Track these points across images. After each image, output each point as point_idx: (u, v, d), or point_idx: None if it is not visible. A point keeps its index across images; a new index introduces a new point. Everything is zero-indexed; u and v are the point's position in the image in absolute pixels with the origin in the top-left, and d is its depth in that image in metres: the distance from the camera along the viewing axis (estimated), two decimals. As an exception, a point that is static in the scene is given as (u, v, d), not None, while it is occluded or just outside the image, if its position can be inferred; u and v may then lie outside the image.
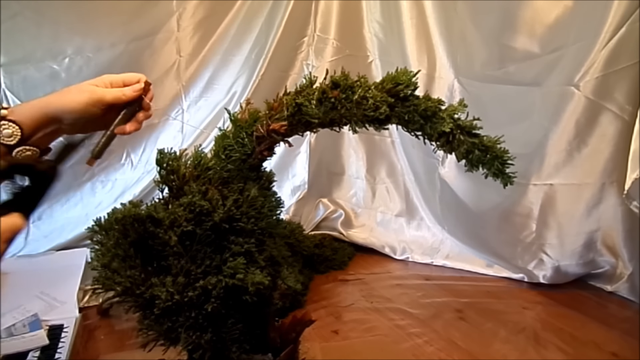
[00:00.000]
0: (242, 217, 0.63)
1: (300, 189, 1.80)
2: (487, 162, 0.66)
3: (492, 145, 0.66)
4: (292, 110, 0.63)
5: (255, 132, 0.65)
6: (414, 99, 0.66)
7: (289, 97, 0.65)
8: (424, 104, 0.65)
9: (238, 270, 0.60)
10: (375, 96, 0.63)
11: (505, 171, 0.67)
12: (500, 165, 0.66)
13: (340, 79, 0.64)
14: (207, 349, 0.63)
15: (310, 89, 0.65)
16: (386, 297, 1.35)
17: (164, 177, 0.64)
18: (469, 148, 0.66)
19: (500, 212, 1.48)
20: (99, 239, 0.62)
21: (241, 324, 0.65)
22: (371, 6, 1.70)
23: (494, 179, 0.68)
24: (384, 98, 0.64)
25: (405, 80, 0.64)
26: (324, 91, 0.64)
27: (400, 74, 0.65)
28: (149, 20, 1.62)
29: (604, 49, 1.22)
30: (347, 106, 0.64)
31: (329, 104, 0.64)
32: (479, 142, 0.66)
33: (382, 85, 0.65)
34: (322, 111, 0.64)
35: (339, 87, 0.64)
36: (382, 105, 0.63)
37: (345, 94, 0.64)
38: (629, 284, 1.33)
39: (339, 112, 0.64)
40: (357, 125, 0.66)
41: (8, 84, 1.51)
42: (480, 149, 0.66)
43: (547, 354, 1.05)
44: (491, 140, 0.66)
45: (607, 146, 1.30)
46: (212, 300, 0.60)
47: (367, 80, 0.66)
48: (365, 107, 0.64)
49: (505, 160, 0.66)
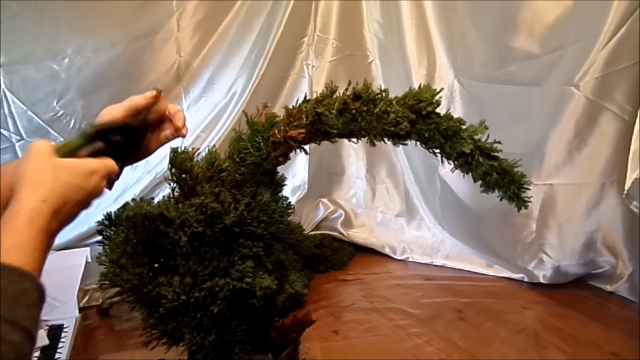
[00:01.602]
0: (253, 221, 0.63)
1: (300, 189, 1.80)
2: (503, 185, 0.66)
3: (510, 169, 0.65)
4: (312, 118, 0.63)
5: (271, 137, 0.64)
6: (436, 116, 0.65)
7: (309, 105, 0.64)
8: (445, 122, 0.64)
9: (246, 274, 0.60)
10: (396, 111, 0.63)
11: (521, 195, 0.67)
12: (516, 190, 0.66)
13: (362, 91, 0.63)
14: (210, 350, 0.63)
15: (331, 99, 0.64)
16: (386, 297, 1.35)
17: (176, 176, 0.64)
18: (487, 170, 0.66)
19: (500, 212, 1.47)
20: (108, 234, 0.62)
21: (245, 325, 0.65)
22: (371, 6, 1.70)
23: (509, 203, 0.67)
24: (406, 114, 0.63)
25: (428, 98, 0.64)
26: (345, 102, 0.63)
27: (423, 91, 0.65)
28: (149, 20, 1.61)
29: (604, 49, 1.22)
30: (367, 119, 0.63)
31: (350, 115, 0.63)
32: (497, 165, 0.65)
33: (405, 100, 0.65)
34: (342, 122, 0.63)
35: (361, 99, 0.63)
36: (404, 121, 0.63)
37: (367, 107, 0.63)
38: (629, 284, 1.32)
39: (359, 125, 0.63)
40: (375, 138, 0.65)
41: (8, 84, 1.51)
42: (499, 172, 0.65)
43: (547, 354, 1.05)
44: (509, 164, 0.66)
45: (607, 146, 1.30)
46: (219, 302, 0.60)
47: (388, 93, 0.65)
48: (386, 122, 0.63)
49: (522, 185, 0.66)
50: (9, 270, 0.44)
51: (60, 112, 1.55)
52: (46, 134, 1.55)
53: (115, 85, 1.57)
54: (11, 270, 0.44)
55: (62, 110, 1.56)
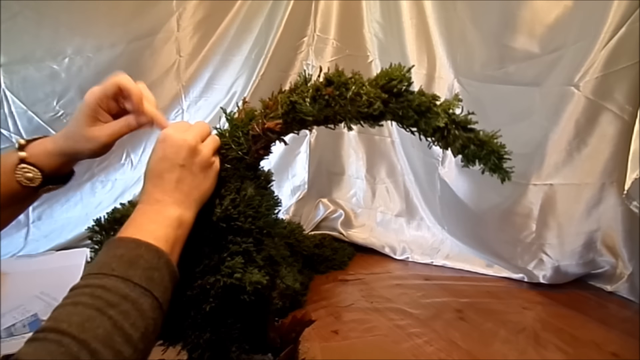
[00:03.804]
0: (239, 216, 0.63)
1: (300, 189, 1.80)
2: (483, 157, 0.65)
3: (488, 140, 0.64)
4: (287, 108, 0.63)
5: (251, 131, 0.64)
6: (408, 94, 0.65)
7: (283, 95, 0.65)
8: (417, 99, 0.64)
9: (236, 270, 0.60)
10: (369, 92, 0.62)
11: (502, 166, 0.65)
12: (496, 160, 0.64)
13: (334, 76, 0.63)
14: (206, 349, 0.63)
15: (305, 87, 0.64)
16: (386, 297, 1.35)
17: None
18: (465, 143, 0.65)
19: (500, 212, 1.47)
20: (98, 238, 0.62)
21: (240, 323, 0.65)
22: (371, 6, 1.70)
23: (491, 174, 0.66)
24: (378, 94, 0.63)
25: (398, 76, 0.63)
26: (318, 88, 0.63)
27: (393, 70, 0.64)
28: (149, 20, 1.62)
29: (603, 49, 1.22)
30: (341, 103, 0.63)
31: (323, 101, 0.63)
32: (474, 136, 0.64)
33: (376, 81, 0.64)
34: (316, 109, 0.63)
35: (333, 84, 0.63)
36: (376, 102, 0.63)
37: (339, 91, 0.63)
38: (629, 284, 1.32)
39: (333, 110, 0.63)
40: (351, 122, 0.65)
41: (8, 84, 1.51)
42: (476, 144, 0.64)
43: (547, 354, 1.05)
44: (487, 135, 0.65)
45: (607, 146, 1.30)
46: (211, 299, 0.60)
47: (361, 77, 0.65)
48: (359, 104, 0.63)
49: (501, 155, 0.64)
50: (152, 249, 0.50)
51: (60, 112, 1.56)
52: (46, 134, 1.53)
53: (115, 85, 1.57)
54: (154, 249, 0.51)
55: (62, 110, 1.56)
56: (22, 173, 0.60)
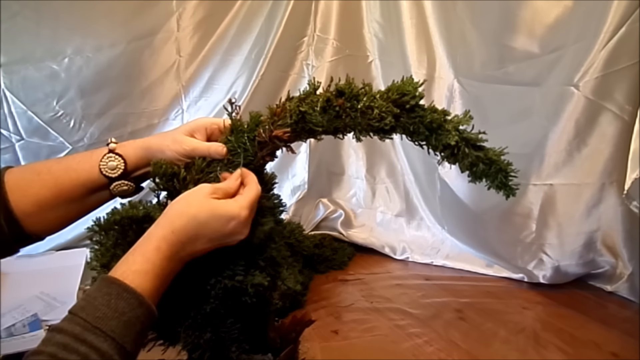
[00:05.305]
0: None
1: (300, 189, 1.80)
2: (490, 175, 0.66)
3: (496, 159, 0.65)
4: (296, 118, 0.62)
5: (257, 137, 0.64)
6: (420, 110, 0.65)
7: (292, 103, 0.64)
8: (430, 115, 0.64)
9: (237, 272, 0.60)
10: (380, 106, 0.62)
11: (508, 184, 0.67)
12: (503, 178, 0.66)
13: (345, 87, 0.63)
14: (206, 349, 0.63)
15: (314, 96, 0.64)
16: (386, 297, 1.35)
17: (162, 184, 0.64)
18: (474, 161, 0.65)
19: (500, 212, 1.47)
20: (98, 239, 0.62)
21: (240, 323, 0.65)
22: (371, 6, 1.70)
23: (497, 192, 0.68)
24: (390, 108, 0.63)
25: (411, 91, 0.63)
26: (329, 99, 0.63)
27: (406, 84, 0.64)
28: (149, 20, 1.61)
29: (603, 49, 1.22)
30: (351, 115, 0.62)
31: (333, 112, 0.63)
32: (483, 155, 0.65)
33: (388, 94, 0.64)
34: (326, 119, 0.62)
35: (344, 95, 0.63)
36: (388, 116, 0.63)
37: (350, 103, 0.62)
38: (628, 284, 1.33)
39: (344, 121, 0.63)
40: (361, 134, 0.65)
41: (8, 84, 1.51)
42: (485, 162, 0.65)
43: (547, 354, 1.05)
44: (496, 153, 0.65)
45: (607, 146, 1.30)
46: (211, 300, 0.60)
47: (372, 88, 0.65)
48: (370, 117, 0.63)
49: (508, 173, 0.66)
50: (133, 295, 0.49)
51: (60, 112, 1.55)
52: (46, 134, 1.55)
53: (115, 85, 1.57)
54: (135, 296, 0.49)
55: (62, 110, 1.56)
56: (107, 162, 0.63)
